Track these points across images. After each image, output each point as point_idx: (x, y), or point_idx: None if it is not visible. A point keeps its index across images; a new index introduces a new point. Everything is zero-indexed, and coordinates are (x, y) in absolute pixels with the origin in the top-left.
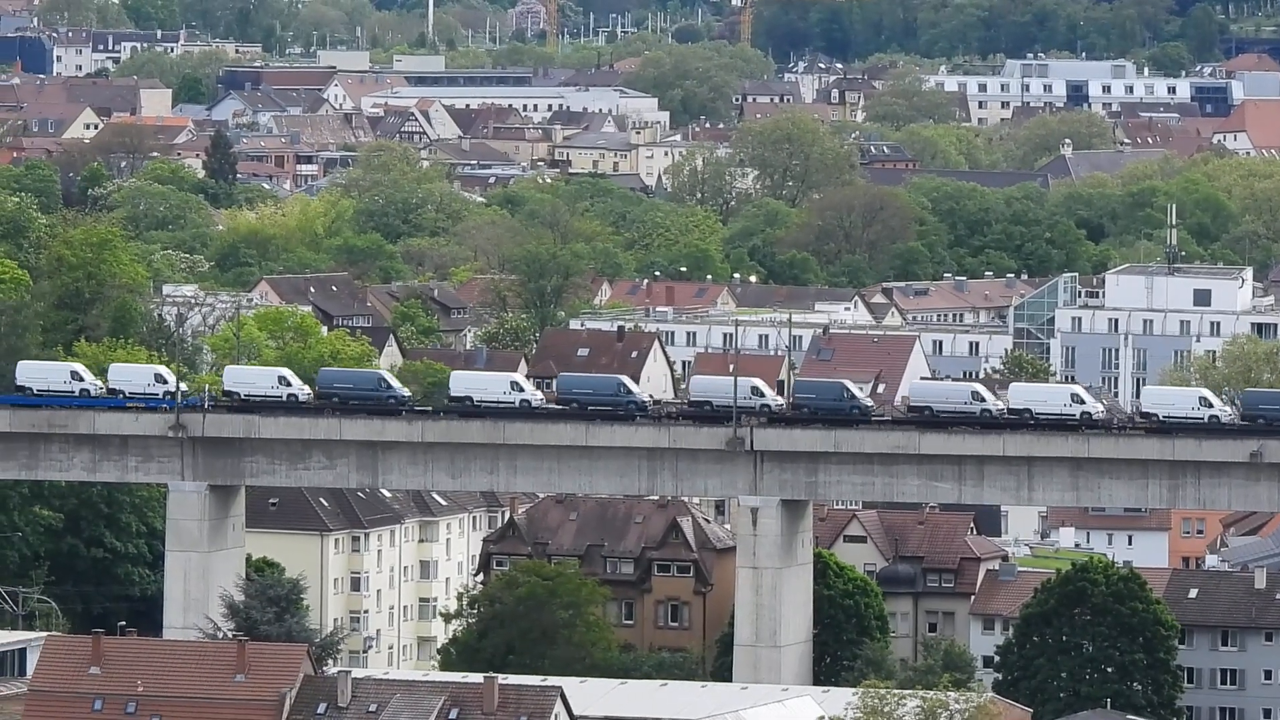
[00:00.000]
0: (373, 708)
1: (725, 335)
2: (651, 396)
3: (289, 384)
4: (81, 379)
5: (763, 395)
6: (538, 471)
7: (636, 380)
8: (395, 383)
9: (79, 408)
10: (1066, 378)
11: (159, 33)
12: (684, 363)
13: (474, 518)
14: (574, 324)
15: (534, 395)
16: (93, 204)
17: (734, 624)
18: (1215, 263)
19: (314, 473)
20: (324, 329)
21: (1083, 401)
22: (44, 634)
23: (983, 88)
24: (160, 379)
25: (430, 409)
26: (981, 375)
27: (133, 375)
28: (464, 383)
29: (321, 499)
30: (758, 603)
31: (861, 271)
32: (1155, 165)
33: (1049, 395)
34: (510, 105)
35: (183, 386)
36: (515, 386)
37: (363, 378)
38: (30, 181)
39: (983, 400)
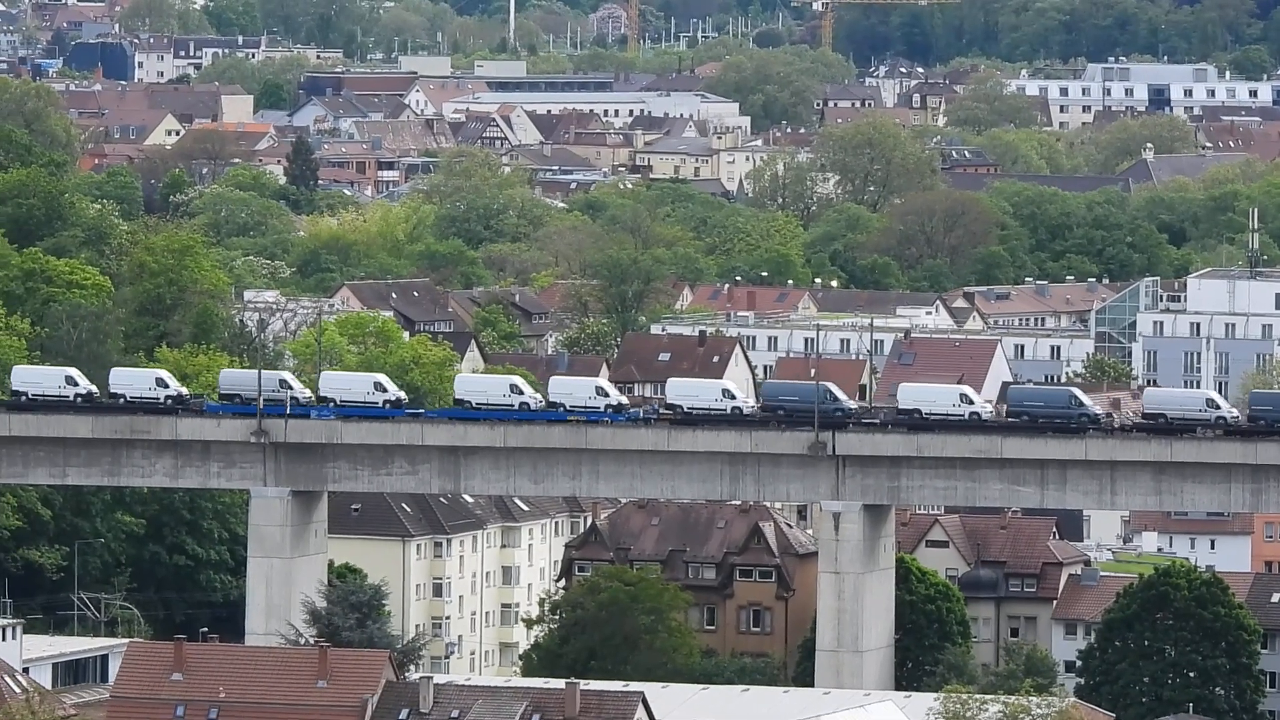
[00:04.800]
0: (455, 714)
1: (806, 340)
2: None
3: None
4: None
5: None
6: (620, 476)
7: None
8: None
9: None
10: (1149, 382)
11: (240, 39)
12: (765, 367)
13: (556, 523)
14: (655, 329)
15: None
16: (174, 210)
17: (816, 629)
18: None
19: (396, 478)
20: (405, 334)
21: None
22: (126, 640)
23: (1064, 92)
24: (602, 391)
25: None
26: (1064, 380)
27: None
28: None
29: (404, 504)
30: (840, 608)
31: (943, 276)
32: (1237, 169)
33: None
34: (591, 110)
35: (618, 397)
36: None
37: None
38: (112, 188)
39: None
